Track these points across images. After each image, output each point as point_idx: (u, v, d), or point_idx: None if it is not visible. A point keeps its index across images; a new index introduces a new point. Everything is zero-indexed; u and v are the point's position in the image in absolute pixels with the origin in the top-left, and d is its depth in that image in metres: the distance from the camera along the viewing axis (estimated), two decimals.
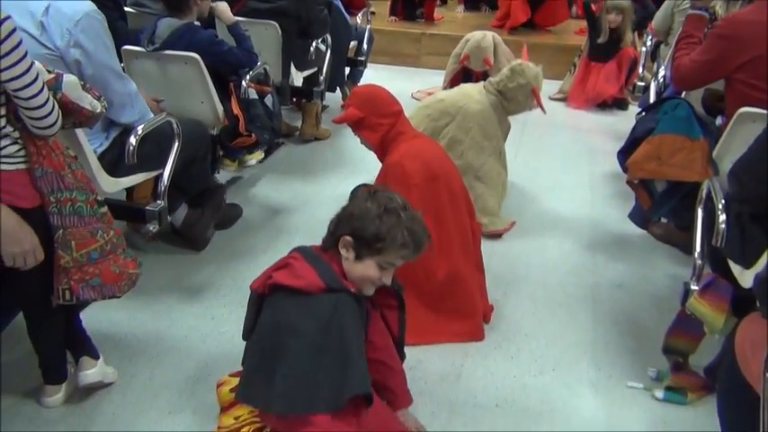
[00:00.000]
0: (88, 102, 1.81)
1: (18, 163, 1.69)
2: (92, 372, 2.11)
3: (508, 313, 2.71)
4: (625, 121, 4.95)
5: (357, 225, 1.82)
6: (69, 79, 1.77)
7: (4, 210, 1.66)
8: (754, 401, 1.45)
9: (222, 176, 3.72)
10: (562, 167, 4.29)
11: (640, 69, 4.75)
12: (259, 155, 3.55)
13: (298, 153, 4.36)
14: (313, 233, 2.05)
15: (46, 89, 1.64)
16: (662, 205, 2.77)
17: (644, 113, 2.92)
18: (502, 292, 2.84)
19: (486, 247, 2.89)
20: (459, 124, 3.28)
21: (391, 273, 1.87)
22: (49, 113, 1.65)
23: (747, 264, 1.87)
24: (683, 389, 2.25)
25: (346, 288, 1.85)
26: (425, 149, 2.56)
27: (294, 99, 4.53)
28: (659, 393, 2.26)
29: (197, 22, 2.99)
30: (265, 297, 1.90)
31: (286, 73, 4.00)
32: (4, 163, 1.66)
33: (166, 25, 2.91)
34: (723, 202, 2.01)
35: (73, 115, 1.80)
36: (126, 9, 3.27)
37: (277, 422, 1.87)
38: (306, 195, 3.71)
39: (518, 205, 3.66)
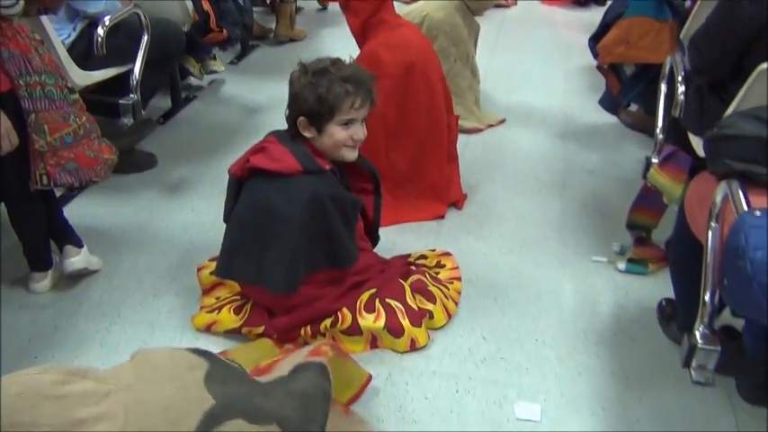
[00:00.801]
0: None
1: None
2: (76, 259, 2.18)
3: (480, 199, 2.79)
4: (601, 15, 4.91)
5: (301, 101, 1.88)
6: None
7: None
8: (699, 254, 1.55)
9: (197, 80, 3.71)
10: (537, 62, 4.30)
11: None
12: (221, 65, 3.55)
13: (272, 54, 4.33)
14: None
15: None
16: (630, 89, 2.82)
17: None
18: (475, 179, 2.91)
19: (462, 137, 2.95)
20: (425, 33, 3.26)
21: (360, 126, 1.94)
22: None
23: (704, 133, 1.94)
24: (644, 260, 2.37)
25: (322, 168, 1.91)
26: (405, 38, 2.56)
27: (268, 1, 4.45)
28: (621, 265, 2.38)
29: None
30: (244, 181, 1.96)
31: None
32: None
33: None
34: (683, 74, 2.06)
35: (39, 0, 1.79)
36: None
37: (264, 296, 1.97)
38: (281, 96, 3.67)
39: (493, 98, 3.69)
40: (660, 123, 2.20)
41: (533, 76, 4.06)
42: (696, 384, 1.50)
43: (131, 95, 2.52)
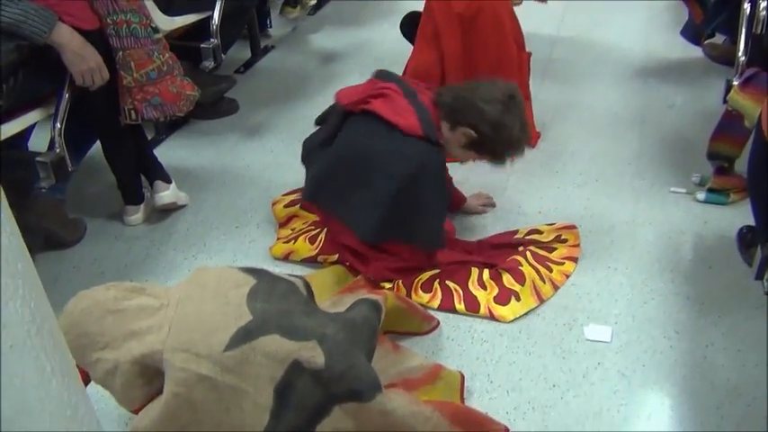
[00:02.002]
0: None
1: None
2: (166, 194, 2.32)
3: (554, 135, 2.76)
4: None
5: (478, 115, 1.90)
6: None
7: (69, 30, 1.81)
8: None
9: (276, 30, 3.81)
10: None
11: None
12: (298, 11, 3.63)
13: (347, 5, 4.36)
14: (367, 75, 2.12)
15: None
16: (715, 17, 2.69)
17: None
18: (550, 117, 2.88)
19: (537, 73, 2.91)
20: None
21: (474, 160, 2.07)
22: None
23: None
24: (725, 190, 2.30)
25: (440, 141, 1.91)
26: None
27: None
28: (701, 195, 2.32)
29: None
30: (352, 115, 1.96)
31: None
32: None
33: None
34: None
35: None
36: None
37: (341, 231, 2.03)
38: (357, 43, 3.75)
39: (570, 38, 3.61)
40: (742, 44, 2.11)
41: (614, 12, 3.92)
42: None
43: (212, 40, 2.63)
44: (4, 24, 1.69)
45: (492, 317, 1.88)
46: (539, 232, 2.18)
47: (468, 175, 2.50)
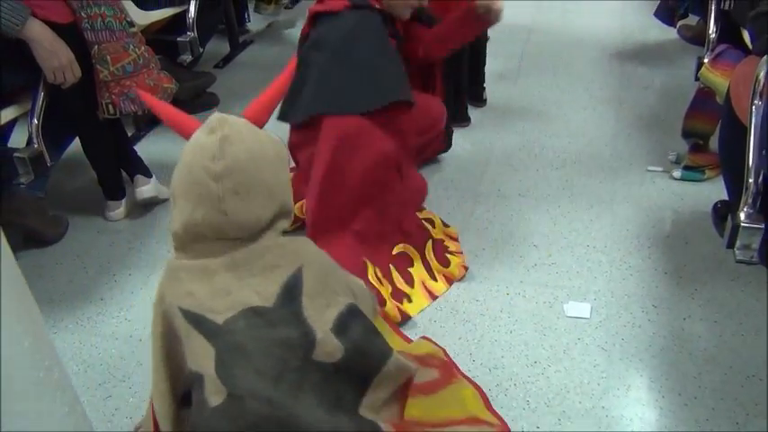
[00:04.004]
0: None
1: None
2: (147, 188, 2.33)
3: (533, 118, 2.79)
4: None
5: None
6: None
7: (40, 25, 1.81)
8: (745, 138, 1.53)
9: (254, 25, 3.81)
10: None
11: None
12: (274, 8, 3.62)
13: None
14: None
15: None
16: None
17: None
18: (528, 101, 2.91)
19: (514, 60, 2.94)
20: None
21: None
22: None
23: None
24: (700, 167, 2.33)
25: (370, 5, 1.97)
26: None
27: None
28: (677, 173, 2.35)
29: None
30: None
31: None
32: None
33: None
34: None
35: None
36: None
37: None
38: None
39: (547, 24, 3.63)
40: (712, 21, 2.14)
41: None
42: (740, 263, 1.50)
43: (188, 33, 2.63)
44: None
45: (400, 311, 1.86)
46: (431, 223, 2.13)
47: (446, 156, 2.53)
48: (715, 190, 2.25)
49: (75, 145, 2.32)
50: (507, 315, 1.86)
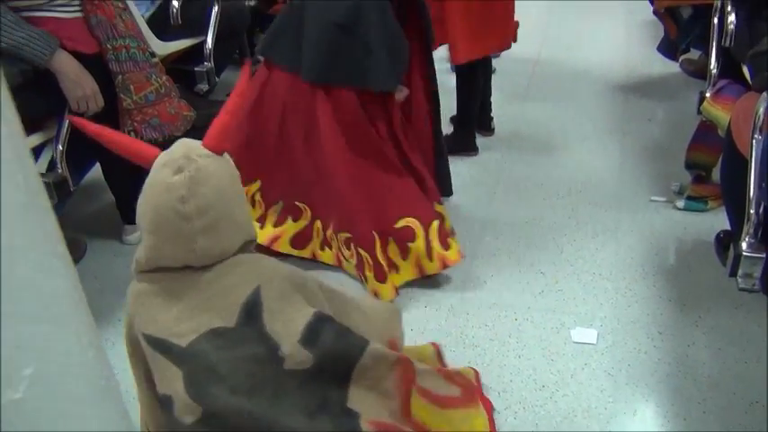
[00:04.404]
0: None
1: (74, 12, 1.91)
2: None
3: (539, 148, 2.86)
4: None
5: None
6: None
7: (66, 56, 1.89)
8: (746, 171, 1.59)
9: None
10: (598, 17, 4.28)
11: None
12: None
13: None
14: None
15: None
16: (688, 32, 2.81)
17: None
18: (534, 130, 2.98)
19: (521, 89, 3.02)
20: None
21: None
22: None
23: None
24: (703, 198, 2.39)
25: None
26: None
27: None
28: (680, 203, 2.41)
29: None
30: None
31: None
32: (61, 11, 1.88)
33: None
34: (732, 3, 2.08)
35: None
36: None
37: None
38: None
39: (554, 55, 3.72)
40: (713, 57, 2.21)
41: (594, 31, 4.06)
42: (742, 291, 1.55)
43: (206, 63, 2.71)
44: (7, 47, 1.77)
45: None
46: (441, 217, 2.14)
47: (456, 185, 2.59)
48: (717, 220, 2.30)
49: (94, 169, 2.39)
50: (515, 340, 1.90)
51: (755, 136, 1.51)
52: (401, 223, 2.04)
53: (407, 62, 2.06)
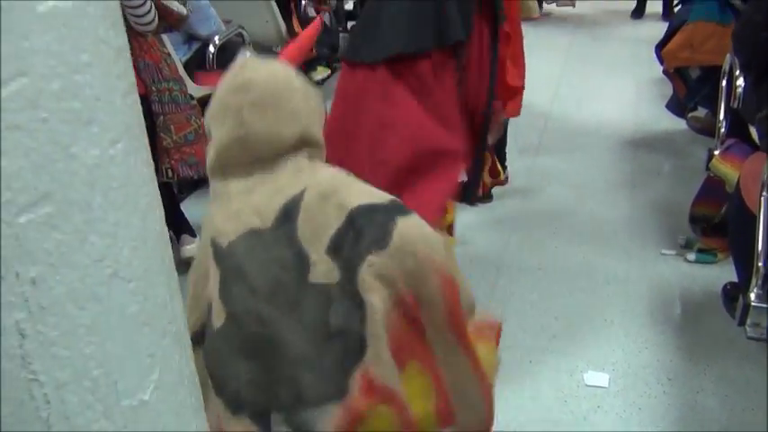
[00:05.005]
0: (176, 6, 2.13)
1: None
2: (191, 246, 2.49)
3: (551, 199, 2.97)
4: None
5: None
6: None
7: None
8: (754, 226, 1.69)
9: None
10: (609, 74, 4.44)
11: None
12: (324, 71, 3.83)
13: None
14: None
15: None
16: (696, 92, 2.95)
17: (681, 5, 3.06)
18: (547, 181, 3.09)
19: (533, 142, 3.14)
20: None
21: None
22: (148, 12, 1.98)
23: None
24: (713, 250, 2.48)
25: None
26: None
27: (349, 27, 4.76)
28: (691, 256, 2.50)
29: None
30: None
31: None
32: None
33: None
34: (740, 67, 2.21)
35: (164, 18, 2.12)
36: None
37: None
38: None
39: (565, 110, 3.86)
40: (722, 117, 2.33)
41: (605, 88, 4.21)
42: (750, 339, 1.63)
43: None
44: None
45: None
46: None
47: (471, 233, 2.69)
48: (724, 272, 2.39)
49: None
50: (530, 382, 1.98)
51: (764, 194, 1.61)
52: None
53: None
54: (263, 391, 1.11)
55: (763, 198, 1.61)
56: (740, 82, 2.16)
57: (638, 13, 5.58)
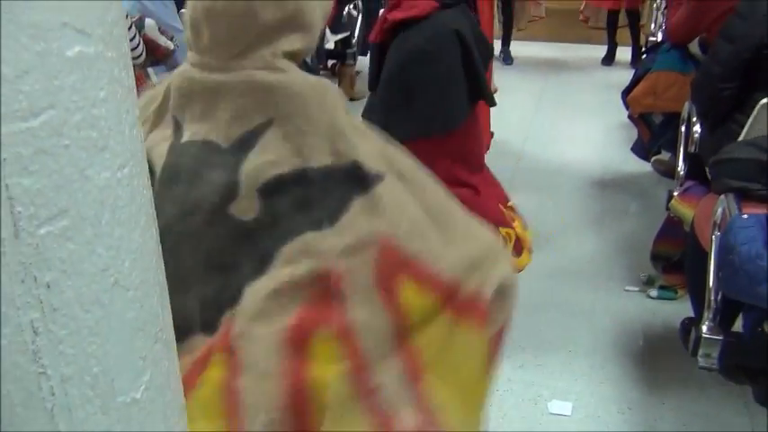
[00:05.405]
0: (163, 41, 2.22)
1: None
2: None
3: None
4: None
5: None
6: (149, 22, 2.18)
7: None
8: (707, 262, 1.80)
9: None
10: (579, 117, 4.61)
11: (652, 27, 5.00)
12: None
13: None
14: None
15: (134, 26, 2.06)
16: (660, 136, 3.09)
17: (646, 55, 3.23)
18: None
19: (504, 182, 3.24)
20: None
21: None
22: (137, 46, 2.07)
23: None
24: (674, 287, 2.60)
25: (459, 0, 1.80)
26: None
27: (329, 65, 4.90)
28: (653, 292, 2.61)
29: None
30: (386, 46, 1.81)
31: (320, 35, 4.38)
32: None
33: None
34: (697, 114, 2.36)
35: (153, 53, 2.21)
36: None
37: None
38: None
39: (537, 151, 4.00)
40: (681, 160, 2.47)
41: (575, 130, 4.37)
42: (702, 369, 1.73)
43: None
44: None
45: None
46: None
47: None
48: (683, 308, 2.48)
49: None
50: (497, 409, 2.05)
51: (715, 233, 1.72)
52: None
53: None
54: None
55: (714, 237, 1.72)
56: (697, 128, 2.30)
57: (609, 59, 5.80)
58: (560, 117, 4.60)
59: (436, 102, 1.73)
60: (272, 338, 1.02)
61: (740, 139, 2.04)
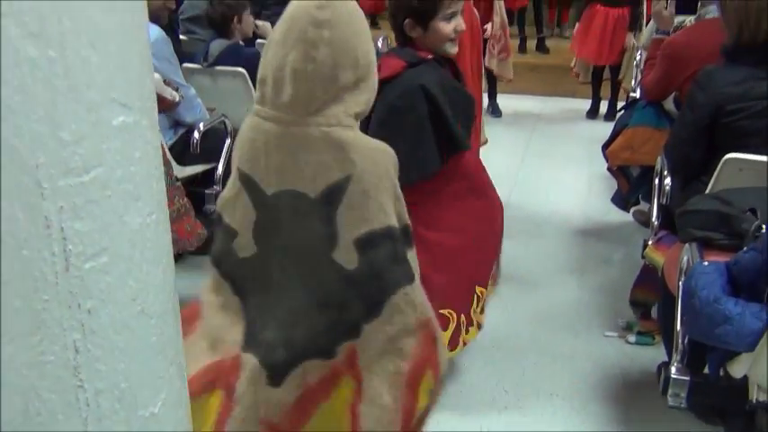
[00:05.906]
0: (169, 93, 2.37)
1: None
2: None
3: (504, 280, 3.18)
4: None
5: (404, 5, 1.94)
6: (156, 77, 2.33)
7: None
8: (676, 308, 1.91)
9: None
10: (564, 169, 4.77)
11: (632, 83, 5.22)
12: None
13: None
14: None
15: None
16: (638, 188, 3.24)
17: (624, 110, 3.41)
18: (503, 264, 3.31)
19: None
20: None
21: (460, 18, 2.00)
22: None
23: None
24: (651, 332, 2.70)
25: (423, 58, 1.97)
26: None
27: None
28: (631, 338, 2.72)
29: (242, 42, 3.56)
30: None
31: None
32: None
33: (217, 45, 3.47)
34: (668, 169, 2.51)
35: (159, 104, 2.35)
36: (180, 36, 3.87)
37: None
38: None
39: (522, 200, 4.15)
40: (655, 211, 2.61)
41: (560, 180, 4.52)
42: (672, 408, 1.83)
43: (215, 186, 3.05)
44: None
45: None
46: None
47: None
48: (660, 353, 2.60)
49: None
50: None
51: (681, 279, 1.84)
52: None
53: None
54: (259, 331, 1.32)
55: (680, 283, 1.84)
56: (668, 181, 2.45)
57: (593, 113, 6.01)
58: (545, 167, 4.77)
59: (408, 152, 1.82)
60: (391, 378, 1.28)
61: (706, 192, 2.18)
